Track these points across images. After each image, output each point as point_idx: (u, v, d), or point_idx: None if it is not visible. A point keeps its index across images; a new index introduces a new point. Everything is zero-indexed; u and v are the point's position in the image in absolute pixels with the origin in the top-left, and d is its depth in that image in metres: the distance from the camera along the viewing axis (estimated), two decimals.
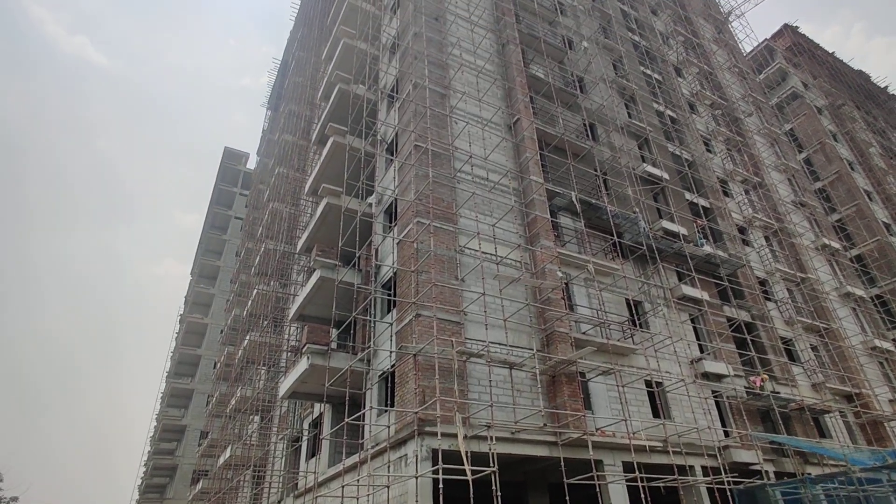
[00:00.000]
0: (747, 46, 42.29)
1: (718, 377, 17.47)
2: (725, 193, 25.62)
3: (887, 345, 25.32)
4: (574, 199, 17.02)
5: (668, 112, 25.99)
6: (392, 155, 17.91)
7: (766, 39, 44.18)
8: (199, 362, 47.39)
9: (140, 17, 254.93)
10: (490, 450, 10.92)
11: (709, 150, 27.19)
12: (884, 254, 32.03)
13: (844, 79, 46.48)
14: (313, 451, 18.64)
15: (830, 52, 48.46)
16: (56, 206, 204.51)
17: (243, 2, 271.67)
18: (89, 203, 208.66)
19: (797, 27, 46.60)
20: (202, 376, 46.68)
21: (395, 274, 14.87)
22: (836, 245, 28.44)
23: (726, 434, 16.62)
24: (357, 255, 15.90)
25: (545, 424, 12.67)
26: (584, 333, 15.06)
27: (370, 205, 17.74)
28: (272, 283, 26.88)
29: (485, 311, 13.08)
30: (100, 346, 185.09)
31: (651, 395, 15.62)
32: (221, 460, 28.06)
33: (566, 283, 16.13)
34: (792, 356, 21.51)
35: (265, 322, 26.21)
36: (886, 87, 50.42)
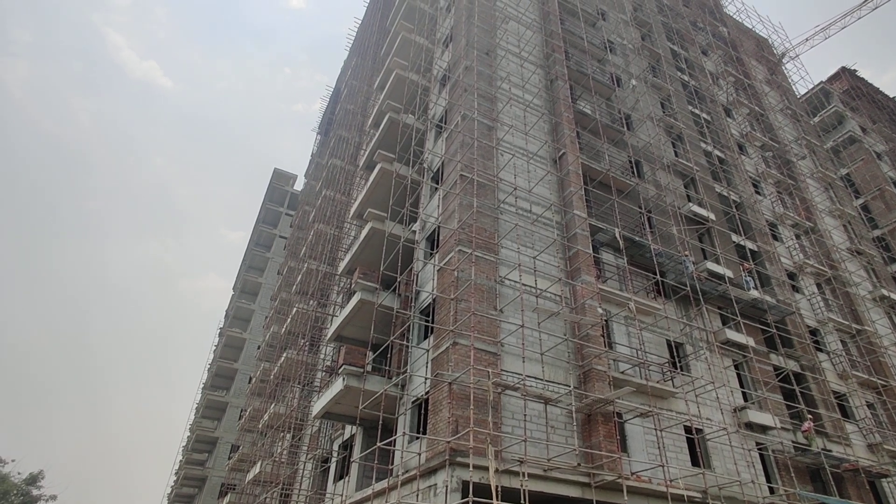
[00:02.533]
0: (801, 89, 41.61)
1: (763, 428, 16.67)
2: (774, 237, 24.83)
3: None
4: (617, 235, 16.87)
5: (717, 152, 25.60)
6: (437, 183, 18.26)
7: (821, 82, 43.19)
8: (235, 376, 48.38)
9: (206, 45, 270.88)
10: (522, 486, 10.73)
11: (758, 193, 26.53)
12: None
13: None
14: (342, 474, 18.65)
15: (891, 96, 46.89)
16: (113, 218, 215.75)
17: (300, 33, 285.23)
18: (143, 216, 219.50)
19: (855, 70, 45.43)
20: (237, 390, 47.57)
21: (434, 300, 15.00)
22: None
23: (771, 490, 15.74)
24: (398, 279, 16.14)
25: (579, 464, 12.35)
26: (622, 373, 14.72)
27: (413, 231, 18.06)
28: (312, 302, 27.45)
29: (522, 344, 13.00)
30: (139, 354, 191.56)
31: (690, 442, 15.02)
32: (250, 475, 28.35)
33: (606, 320, 15.88)
34: (845, 412, 20.32)
35: (302, 340, 26.68)
36: None
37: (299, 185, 59.65)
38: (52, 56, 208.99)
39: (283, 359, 27.59)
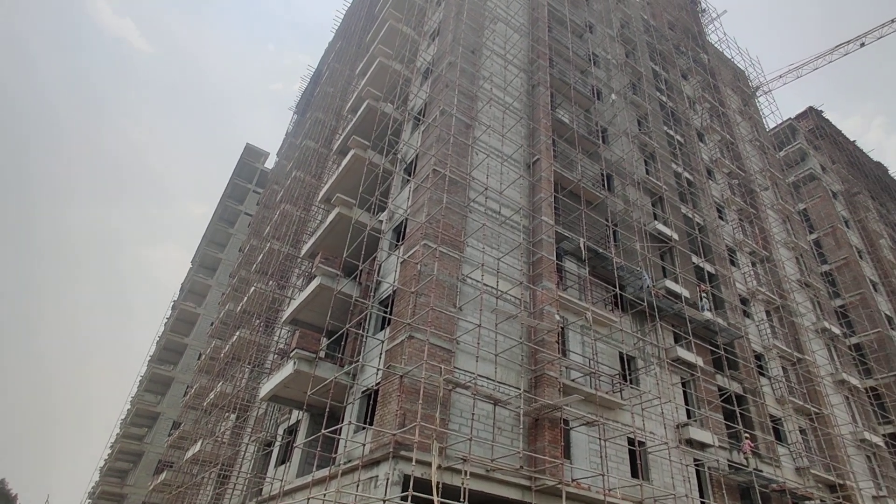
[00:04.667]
0: (771, 122, 43.02)
1: (703, 446, 17.18)
2: (732, 262, 25.64)
3: (877, 439, 24.88)
4: (582, 245, 17.08)
5: (686, 174, 26.24)
6: (409, 176, 18.10)
7: (790, 118, 44.83)
8: (185, 351, 47.07)
9: (188, 10, 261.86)
10: (463, 484, 10.74)
11: (721, 218, 27.34)
12: (883, 346, 31.77)
13: (863, 168, 46.95)
14: (284, 459, 18.33)
15: (852, 140, 49.11)
16: (74, 180, 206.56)
17: (289, 11, 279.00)
18: (105, 180, 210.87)
19: (822, 111, 47.35)
20: (185, 366, 46.28)
21: (394, 292, 14.87)
22: (836, 330, 28.25)
23: None
24: (360, 268, 15.92)
25: (522, 467, 12.45)
26: (573, 380, 14.92)
27: (380, 221, 17.86)
28: (271, 282, 26.88)
29: (478, 343, 13.02)
30: (86, 322, 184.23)
31: (632, 454, 15.35)
32: (189, 454, 27.58)
33: (562, 328, 16.06)
34: (779, 436, 21.17)
35: (257, 321, 26.10)
36: None
37: (270, 163, 58.31)
38: (22, 7, 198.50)
39: (235, 337, 26.94)
